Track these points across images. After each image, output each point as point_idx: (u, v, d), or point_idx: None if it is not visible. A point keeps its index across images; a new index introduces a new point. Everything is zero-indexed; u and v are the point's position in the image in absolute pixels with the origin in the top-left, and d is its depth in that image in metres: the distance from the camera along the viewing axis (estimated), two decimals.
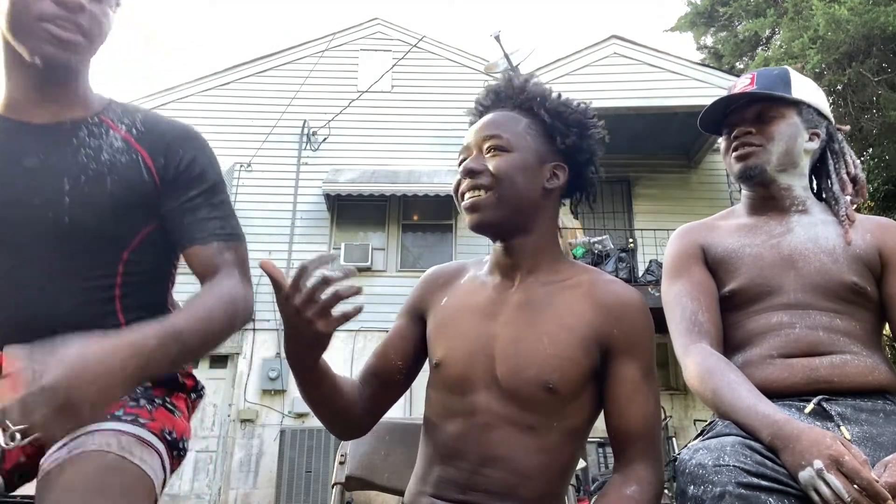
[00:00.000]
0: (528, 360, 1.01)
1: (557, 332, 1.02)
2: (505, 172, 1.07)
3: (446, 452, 1.03)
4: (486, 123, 1.12)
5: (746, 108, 1.34)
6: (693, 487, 0.94)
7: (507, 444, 0.99)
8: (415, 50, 10.30)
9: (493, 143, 1.09)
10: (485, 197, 1.07)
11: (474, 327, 1.07)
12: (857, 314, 1.20)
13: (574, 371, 1.01)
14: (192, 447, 7.99)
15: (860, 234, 1.26)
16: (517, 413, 1.00)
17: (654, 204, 9.47)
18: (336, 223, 9.57)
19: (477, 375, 1.03)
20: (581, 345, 1.02)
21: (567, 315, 1.04)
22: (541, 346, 1.01)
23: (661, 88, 8.43)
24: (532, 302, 1.07)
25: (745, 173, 1.32)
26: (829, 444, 0.89)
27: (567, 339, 1.02)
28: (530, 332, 1.03)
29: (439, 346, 1.09)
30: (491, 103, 1.16)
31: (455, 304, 1.13)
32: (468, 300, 1.12)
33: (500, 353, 1.03)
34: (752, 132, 1.31)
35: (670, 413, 8.29)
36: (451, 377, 1.06)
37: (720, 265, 1.29)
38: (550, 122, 1.11)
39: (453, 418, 1.04)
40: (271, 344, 8.78)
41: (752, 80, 1.34)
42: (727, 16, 14.58)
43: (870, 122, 11.16)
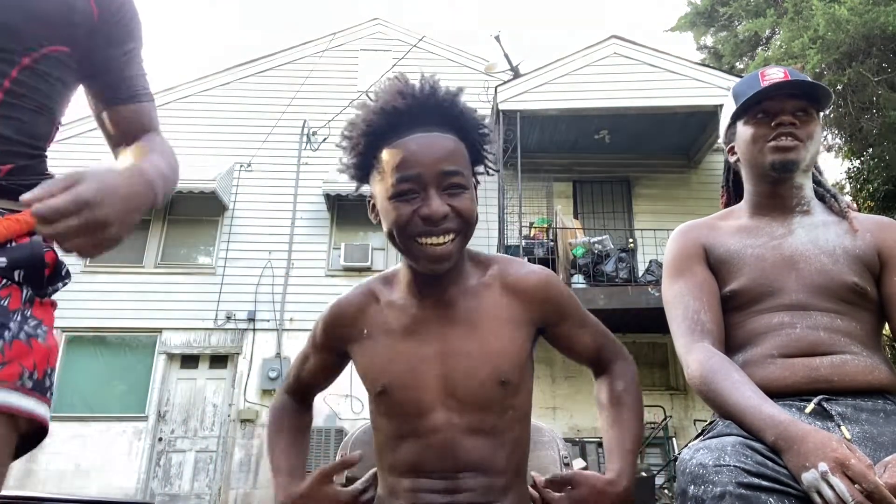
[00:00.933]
0: (478, 364, 1.04)
1: (493, 328, 1.07)
2: (472, 212, 1.02)
3: (414, 468, 1.06)
4: (443, 156, 1.00)
5: (787, 100, 1.29)
6: (693, 487, 0.94)
7: (475, 450, 1.04)
8: (415, 50, 10.30)
9: (455, 181, 1.01)
10: (453, 243, 1.01)
11: (413, 351, 1.07)
12: (857, 314, 1.20)
13: (519, 357, 1.08)
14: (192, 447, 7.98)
15: (860, 233, 1.26)
16: (478, 419, 1.04)
17: (654, 204, 9.47)
18: (336, 223, 9.58)
19: (431, 396, 1.05)
20: (517, 332, 1.09)
21: (495, 311, 1.08)
22: (487, 348, 1.05)
23: (661, 88, 8.43)
24: (460, 312, 1.08)
25: (787, 166, 1.27)
26: (835, 447, 0.89)
27: (504, 332, 1.07)
28: (469, 339, 1.06)
29: (379, 375, 1.08)
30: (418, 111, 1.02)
31: (381, 332, 1.10)
32: (396, 325, 1.09)
33: (450, 367, 1.05)
34: (797, 125, 1.27)
35: (670, 413, 8.28)
36: (402, 402, 1.06)
37: (722, 266, 1.29)
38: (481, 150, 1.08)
39: (414, 439, 1.06)
40: (271, 344, 8.78)
41: (785, 74, 1.30)
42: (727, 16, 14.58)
43: (870, 122, 11.16)
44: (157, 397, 8.53)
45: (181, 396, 8.66)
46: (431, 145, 1.00)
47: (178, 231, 9.56)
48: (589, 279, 7.87)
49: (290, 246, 9.31)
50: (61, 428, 8.26)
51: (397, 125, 1.01)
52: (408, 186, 1.00)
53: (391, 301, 1.11)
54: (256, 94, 10.21)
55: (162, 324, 8.81)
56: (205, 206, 9.39)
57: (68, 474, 7.98)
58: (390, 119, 1.01)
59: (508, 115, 8.50)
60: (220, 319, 8.86)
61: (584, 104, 8.49)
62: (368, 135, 1.03)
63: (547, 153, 9.57)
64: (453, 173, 1.00)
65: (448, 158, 1.01)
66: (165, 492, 8.17)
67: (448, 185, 1.00)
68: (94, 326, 8.84)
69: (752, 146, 1.30)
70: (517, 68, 9.69)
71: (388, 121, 1.01)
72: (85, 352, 8.82)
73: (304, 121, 9.93)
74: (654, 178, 9.74)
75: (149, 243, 9.34)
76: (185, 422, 8.54)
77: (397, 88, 1.02)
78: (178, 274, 9.20)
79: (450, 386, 1.04)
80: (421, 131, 1.01)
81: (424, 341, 1.07)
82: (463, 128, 1.05)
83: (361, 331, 1.11)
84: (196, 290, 9.01)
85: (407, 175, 0.99)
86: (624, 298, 7.56)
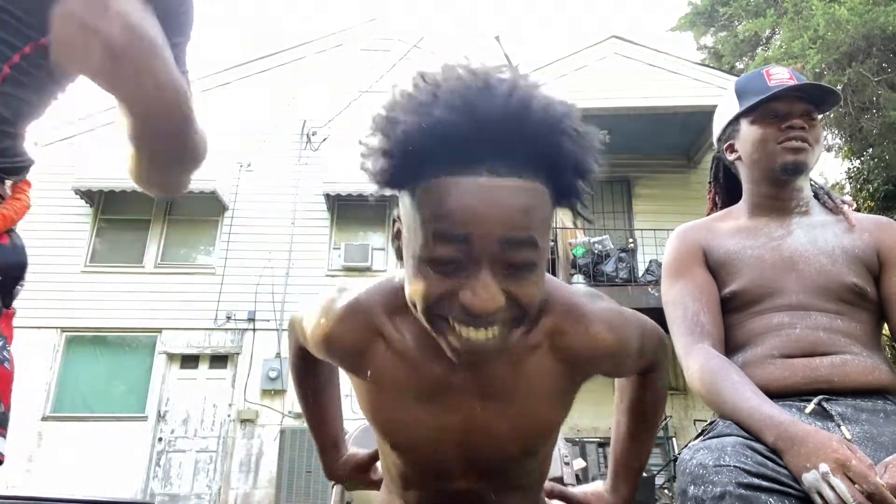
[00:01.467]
0: (506, 444, 0.88)
1: (532, 403, 0.86)
2: (535, 302, 0.72)
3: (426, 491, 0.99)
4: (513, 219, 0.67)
5: (796, 102, 1.29)
6: (693, 487, 0.94)
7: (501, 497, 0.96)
8: (415, 50, 10.30)
9: (521, 259, 0.69)
10: (500, 337, 0.72)
11: (432, 418, 0.86)
12: (857, 315, 1.20)
13: (555, 427, 0.94)
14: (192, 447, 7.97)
15: (858, 233, 1.26)
16: (503, 481, 0.95)
17: (654, 204, 9.47)
18: (336, 223, 9.58)
19: (450, 466, 0.90)
20: (558, 402, 0.89)
21: (537, 380, 0.85)
22: (517, 424, 0.87)
23: (661, 88, 8.43)
24: (492, 381, 0.85)
25: (798, 168, 1.27)
26: (836, 447, 0.89)
27: (544, 405, 0.88)
28: (501, 417, 0.86)
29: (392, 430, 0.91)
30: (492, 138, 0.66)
31: (389, 382, 0.87)
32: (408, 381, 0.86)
33: (474, 446, 0.88)
34: (806, 128, 1.28)
35: (670, 413, 8.28)
36: (421, 463, 0.93)
37: (721, 267, 1.29)
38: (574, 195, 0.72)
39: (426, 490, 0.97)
40: (271, 344, 8.78)
41: (790, 76, 1.30)
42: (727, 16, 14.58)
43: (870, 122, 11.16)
44: (157, 397, 8.53)
45: (181, 396, 8.66)
46: (499, 201, 0.66)
47: (178, 231, 9.56)
48: (589, 279, 7.87)
49: (290, 246, 9.30)
50: (61, 428, 8.27)
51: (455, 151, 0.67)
52: (450, 254, 0.68)
53: (402, 351, 0.85)
54: (257, 93, 10.22)
55: (162, 324, 8.81)
56: (205, 206, 9.39)
57: (68, 474, 7.98)
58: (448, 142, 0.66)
59: None
60: (220, 319, 8.86)
61: (584, 104, 8.39)
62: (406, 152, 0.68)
63: None
64: (522, 244, 0.68)
65: (519, 223, 0.67)
66: (165, 492, 8.17)
67: (511, 263, 0.69)
68: (94, 326, 8.84)
69: (762, 146, 1.29)
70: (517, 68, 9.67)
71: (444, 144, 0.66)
72: (85, 352, 8.82)
73: (304, 121, 9.93)
74: (654, 178, 9.74)
75: (149, 243, 9.34)
76: (185, 422, 8.54)
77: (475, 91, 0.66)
78: (178, 274, 9.20)
79: (472, 459, 0.90)
80: (487, 171, 0.67)
81: (446, 409, 0.86)
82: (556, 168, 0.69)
83: (365, 372, 0.88)
84: (196, 290, 9.01)
85: (452, 235, 0.67)
86: (624, 298, 7.55)
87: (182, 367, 8.83)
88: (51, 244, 9.09)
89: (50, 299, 8.74)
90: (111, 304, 8.81)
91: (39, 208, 9.72)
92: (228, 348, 8.81)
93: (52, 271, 8.91)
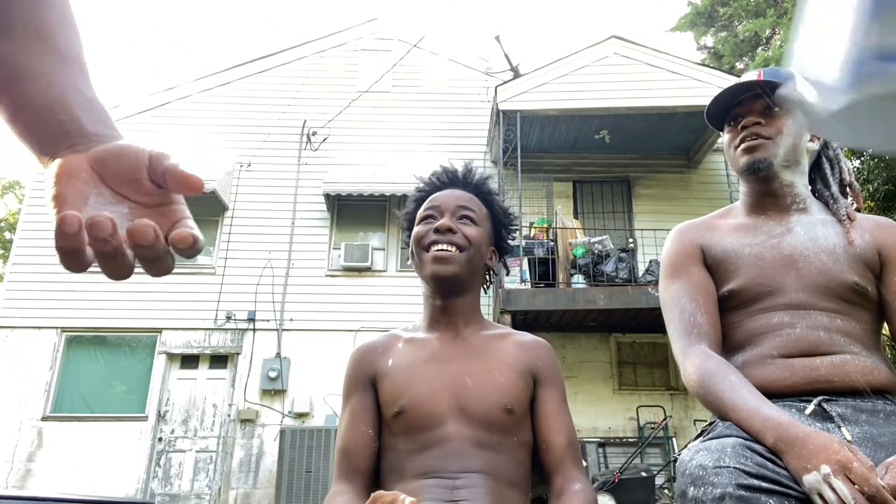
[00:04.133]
0: (488, 389, 1.18)
1: (503, 367, 1.22)
2: (476, 240, 1.27)
3: (423, 472, 1.12)
4: (462, 196, 1.32)
5: (754, 101, 1.32)
6: (693, 489, 0.94)
7: (482, 458, 1.13)
8: (415, 50, 10.29)
9: (467, 214, 1.29)
10: (458, 255, 1.25)
11: (433, 372, 1.21)
12: (857, 314, 1.20)
13: (522, 395, 1.20)
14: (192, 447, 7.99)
15: (859, 233, 1.26)
16: (484, 435, 1.15)
17: (654, 204, 9.47)
18: (336, 223, 9.57)
19: (444, 409, 1.17)
20: (521, 375, 1.22)
21: (505, 355, 1.25)
22: (495, 378, 1.20)
23: (661, 88, 8.42)
24: (478, 347, 1.26)
25: (753, 166, 1.29)
26: (837, 449, 0.89)
27: (511, 372, 1.22)
28: (484, 369, 1.21)
29: (400, 396, 1.19)
30: (448, 181, 1.36)
31: (405, 361, 1.25)
32: (417, 355, 1.25)
33: (462, 388, 1.18)
34: (762, 123, 1.29)
35: (670, 413, 8.28)
36: (417, 417, 1.17)
37: (720, 265, 1.28)
38: (501, 218, 1.37)
39: (425, 450, 1.14)
40: (271, 344, 8.78)
41: (759, 76, 1.32)
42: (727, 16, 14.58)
43: None
44: (157, 397, 8.53)
45: (181, 396, 8.66)
46: (454, 193, 1.33)
47: None
48: (589, 279, 7.87)
49: (290, 246, 9.30)
50: (61, 428, 8.27)
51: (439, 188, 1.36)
52: (430, 213, 1.30)
53: (413, 338, 1.30)
54: (256, 94, 10.21)
55: (162, 324, 8.81)
56: (205, 206, 9.39)
57: (68, 474, 7.98)
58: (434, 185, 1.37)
59: (508, 115, 8.49)
60: (220, 319, 8.86)
61: (584, 104, 8.48)
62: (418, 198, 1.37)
63: (547, 153, 9.56)
64: (466, 209, 1.30)
65: (465, 201, 1.31)
66: (165, 492, 8.17)
67: (461, 215, 1.29)
68: (94, 326, 8.84)
69: (728, 152, 1.36)
70: (517, 68, 9.69)
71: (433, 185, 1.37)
72: (85, 352, 8.82)
73: (304, 121, 9.92)
74: (654, 178, 9.73)
75: None
76: (185, 422, 8.54)
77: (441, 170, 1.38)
78: (178, 274, 9.19)
79: (461, 403, 1.17)
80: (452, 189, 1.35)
81: (440, 366, 1.22)
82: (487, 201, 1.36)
83: (387, 362, 1.26)
84: (196, 290, 9.01)
85: (431, 205, 1.31)
86: (624, 298, 7.56)
87: (182, 367, 8.83)
88: (51, 244, 9.08)
89: (50, 299, 8.74)
90: (111, 304, 8.80)
91: (40, 208, 9.74)
92: (228, 348, 8.81)
93: (52, 271, 8.91)
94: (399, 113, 10.14)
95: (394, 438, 1.19)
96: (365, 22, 10.94)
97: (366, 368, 1.27)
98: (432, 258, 1.24)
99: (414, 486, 1.11)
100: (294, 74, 10.31)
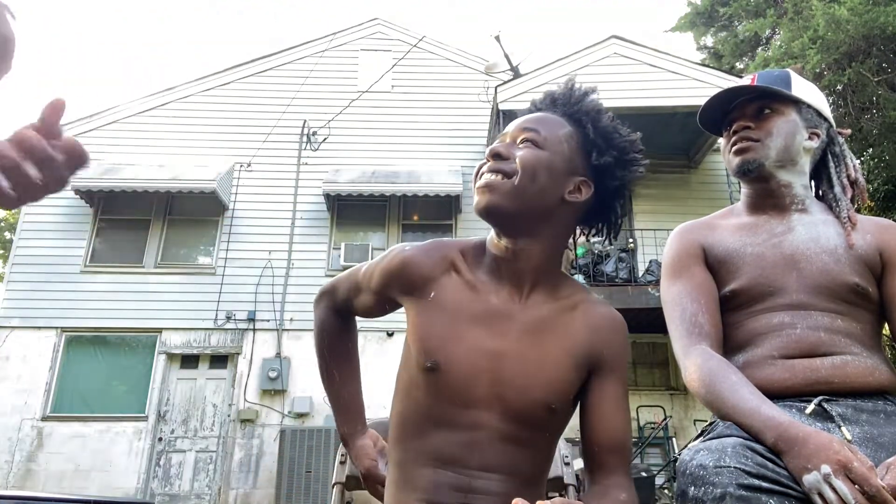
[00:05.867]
0: (534, 382, 1.02)
1: (559, 355, 1.04)
2: (530, 164, 1.03)
3: (441, 458, 1.01)
4: (529, 118, 1.09)
5: (747, 105, 1.34)
6: (694, 489, 0.94)
7: (506, 455, 1.01)
8: (415, 50, 10.30)
9: (528, 136, 1.06)
10: (503, 182, 1.03)
11: (480, 340, 1.03)
12: (858, 315, 1.19)
13: (570, 391, 1.05)
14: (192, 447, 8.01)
15: (860, 234, 1.26)
16: (518, 430, 1.02)
17: (654, 204, 9.47)
18: (336, 223, 9.57)
19: (481, 391, 1.01)
20: (576, 366, 1.05)
21: (566, 338, 1.05)
22: (545, 369, 1.03)
23: (661, 88, 8.42)
24: (539, 324, 1.05)
25: (743, 168, 1.31)
26: (837, 449, 0.89)
27: (566, 363, 1.04)
28: (536, 355, 1.03)
29: (435, 350, 1.03)
30: (545, 106, 1.12)
31: (450, 304, 1.05)
32: (468, 304, 1.05)
33: (507, 374, 1.02)
34: (751, 127, 1.32)
35: (670, 413, 8.28)
36: (451, 387, 1.02)
37: (721, 265, 1.28)
38: (593, 137, 1.07)
39: (452, 429, 1.02)
40: (271, 344, 8.78)
41: (752, 80, 1.34)
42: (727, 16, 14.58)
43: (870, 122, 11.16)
44: (157, 397, 8.53)
45: (181, 396, 8.66)
46: (528, 115, 1.10)
47: (178, 231, 9.55)
48: (589, 279, 7.87)
49: (290, 246, 9.30)
50: (61, 428, 8.27)
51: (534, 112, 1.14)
52: (495, 143, 1.09)
53: (470, 279, 1.07)
54: (256, 94, 10.21)
55: (162, 324, 8.81)
56: (205, 206, 9.39)
57: (68, 474, 7.98)
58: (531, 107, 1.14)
59: (508, 115, 8.49)
60: (220, 319, 8.86)
61: None
62: None
63: None
64: (530, 130, 1.06)
65: (532, 122, 1.07)
66: (165, 492, 8.17)
67: (523, 139, 1.06)
68: (94, 326, 8.84)
69: (725, 156, 1.38)
70: (517, 68, 9.68)
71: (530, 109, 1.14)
72: (85, 352, 8.82)
73: (304, 121, 9.92)
74: (654, 178, 9.73)
75: (149, 243, 9.34)
76: (185, 422, 8.54)
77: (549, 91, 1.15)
78: (178, 274, 9.20)
79: (501, 391, 1.01)
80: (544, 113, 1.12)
81: (496, 337, 1.03)
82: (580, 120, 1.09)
83: (429, 293, 1.07)
84: (196, 290, 9.01)
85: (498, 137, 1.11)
86: (624, 298, 7.56)
87: (182, 367, 8.83)
88: (51, 244, 9.09)
89: (50, 299, 8.75)
90: (111, 304, 8.81)
91: (39, 208, 9.74)
92: (228, 348, 8.81)
93: (52, 271, 8.91)
94: (399, 113, 10.14)
95: (421, 393, 1.04)
96: (365, 22, 10.94)
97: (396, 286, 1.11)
98: (477, 188, 1.06)
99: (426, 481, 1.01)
100: (294, 74, 10.32)
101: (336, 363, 1.28)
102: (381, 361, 7.50)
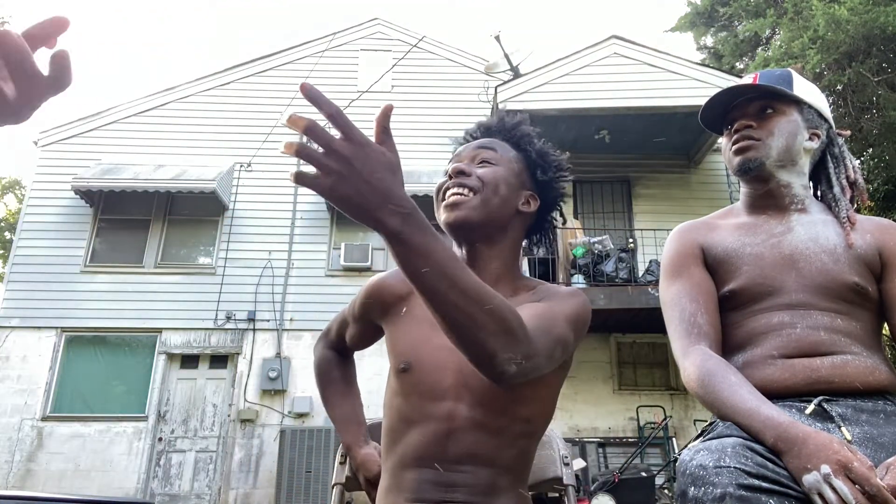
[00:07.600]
0: None
1: None
2: (491, 179, 1.15)
3: (420, 455, 1.07)
4: (482, 141, 1.22)
5: (748, 105, 1.34)
6: (693, 489, 0.94)
7: (479, 444, 1.06)
8: (415, 50, 10.30)
9: (486, 156, 1.18)
10: (469, 198, 1.13)
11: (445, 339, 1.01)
12: (857, 315, 1.19)
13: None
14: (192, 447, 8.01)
15: (860, 234, 1.26)
16: (485, 415, 1.07)
17: (654, 204, 9.47)
18: (336, 223, 9.57)
19: (447, 383, 1.09)
20: None
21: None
22: None
23: (661, 88, 8.42)
24: None
25: (743, 166, 1.32)
26: (837, 449, 0.89)
27: None
28: None
29: (406, 352, 1.13)
30: (481, 135, 1.25)
31: (419, 314, 1.14)
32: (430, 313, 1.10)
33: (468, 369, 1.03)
34: (753, 126, 1.32)
35: (670, 413, 8.28)
36: (424, 383, 1.10)
37: (720, 265, 1.28)
38: (535, 157, 1.21)
39: (428, 423, 1.08)
40: (271, 344, 8.78)
41: (754, 79, 1.34)
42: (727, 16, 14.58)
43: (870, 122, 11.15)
44: (157, 397, 8.53)
45: (181, 396, 8.66)
46: (477, 141, 1.23)
47: (178, 231, 9.55)
48: (589, 279, 7.87)
49: (290, 246, 9.30)
50: (61, 428, 8.27)
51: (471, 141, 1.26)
52: (451, 166, 1.18)
53: None
54: (256, 94, 10.21)
55: (162, 324, 8.81)
56: (205, 206, 9.39)
57: (68, 474, 7.98)
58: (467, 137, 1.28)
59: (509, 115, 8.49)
60: (220, 319, 8.86)
61: (584, 104, 8.48)
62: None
63: None
64: (485, 148, 1.19)
65: (485, 143, 1.20)
66: (165, 492, 8.17)
67: (480, 159, 1.18)
68: (94, 326, 8.84)
69: (725, 156, 1.38)
70: (517, 68, 9.68)
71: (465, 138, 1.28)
72: (85, 352, 8.82)
73: None
74: (654, 178, 9.73)
75: (149, 243, 9.34)
76: (185, 422, 8.54)
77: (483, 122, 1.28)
78: (178, 274, 9.20)
79: (465, 378, 1.07)
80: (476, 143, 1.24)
81: None
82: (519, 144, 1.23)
83: (401, 309, 1.19)
84: (196, 290, 9.01)
85: (452, 160, 1.21)
86: (624, 298, 7.56)
87: (182, 367, 8.83)
88: (51, 244, 9.09)
89: (50, 299, 8.75)
90: (111, 304, 8.81)
91: (39, 208, 9.74)
92: (228, 348, 8.81)
93: (52, 271, 8.91)
94: (399, 113, 10.13)
95: (395, 398, 1.13)
96: (365, 22, 10.94)
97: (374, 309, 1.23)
98: (444, 206, 1.14)
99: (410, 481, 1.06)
100: (294, 74, 10.31)
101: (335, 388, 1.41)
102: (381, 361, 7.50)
